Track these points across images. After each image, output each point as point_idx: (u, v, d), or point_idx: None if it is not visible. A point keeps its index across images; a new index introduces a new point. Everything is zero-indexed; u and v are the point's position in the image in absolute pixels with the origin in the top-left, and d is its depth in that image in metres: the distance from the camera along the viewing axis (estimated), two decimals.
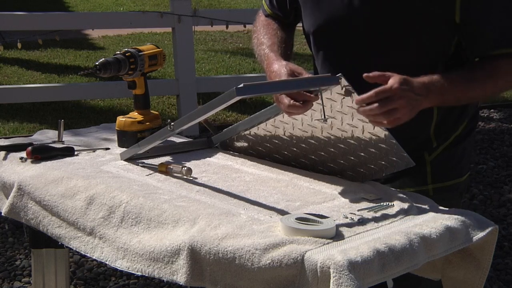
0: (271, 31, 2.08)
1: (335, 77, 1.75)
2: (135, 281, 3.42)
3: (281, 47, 2.01)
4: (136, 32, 9.18)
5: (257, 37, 2.09)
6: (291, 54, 2.06)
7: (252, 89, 1.64)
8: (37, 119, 5.82)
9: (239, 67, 7.55)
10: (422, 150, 1.94)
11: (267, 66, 1.92)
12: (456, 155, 2.00)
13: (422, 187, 1.95)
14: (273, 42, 2.02)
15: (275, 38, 2.04)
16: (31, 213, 1.91)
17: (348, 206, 1.73)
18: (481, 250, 1.70)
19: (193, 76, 5.74)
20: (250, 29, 2.50)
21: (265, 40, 2.04)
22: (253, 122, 2.03)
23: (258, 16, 2.19)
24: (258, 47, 2.05)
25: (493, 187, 4.61)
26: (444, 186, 1.98)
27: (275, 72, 1.85)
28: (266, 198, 1.77)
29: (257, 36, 2.09)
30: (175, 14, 5.53)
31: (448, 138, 1.97)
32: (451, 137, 1.98)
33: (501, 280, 3.52)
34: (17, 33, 6.00)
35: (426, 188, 1.96)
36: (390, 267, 1.47)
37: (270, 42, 2.02)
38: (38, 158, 2.05)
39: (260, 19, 2.16)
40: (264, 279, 1.47)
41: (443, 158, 1.97)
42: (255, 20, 2.19)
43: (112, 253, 1.72)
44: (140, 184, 1.85)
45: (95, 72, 2.09)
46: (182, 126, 1.85)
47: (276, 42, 2.02)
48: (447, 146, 1.98)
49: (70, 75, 7.09)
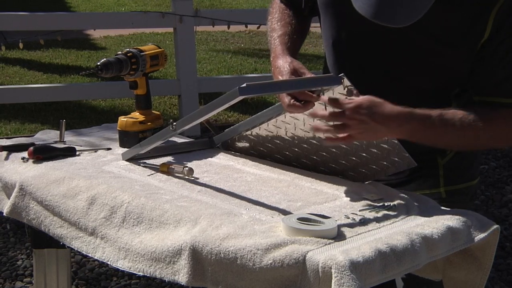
0: (286, 17, 2.03)
1: (337, 77, 1.75)
2: (136, 281, 3.42)
3: (292, 38, 1.96)
4: (138, 32, 9.19)
5: (271, 20, 2.05)
6: (302, 43, 2.01)
7: (254, 88, 1.64)
8: (39, 119, 5.82)
9: (241, 67, 7.55)
10: (434, 153, 1.91)
11: (273, 59, 1.91)
12: (468, 158, 1.97)
13: (435, 190, 1.93)
14: (284, 32, 1.98)
15: (288, 27, 1.99)
16: (33, 213, 1.91)
17: (349, 206, 1.73)
18: (482, 250, 1.70)
19: (195, 76, 5.74)
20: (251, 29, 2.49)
21: (277, 27, 2.00)
22: (255, 122, 2.03)
23: (273, 2, 2.12)
24: (270, 33, 2.01)
25: (495, 187, 4.61)
26: (457, 189, 1.96)
27: (279, 68, 1.84)
28: (267, 198, 1.77)
29: (271, 19, 2.05)
30: (177, 14, 5.53)
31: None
32: None
33: (502, 281, 3.52)
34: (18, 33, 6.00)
35: (439, 191, 1.94)
36: (392, 268, 1.47)
37: (282, 31, 1.98)
38: (39, 158, 2.05)
39: (276, 3, 2.09)
40: (266, 279, 1.47)
41: (456, 161, 1.94)
42: (272, 3, 2.12)
43: (114, 253, 1.72)
44: (141, 184, 1.85)
45: (96, 72, 2.09)
46: (184, 126, 1.85)
47: (287, 32, 1.98)
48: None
49: (71, 75, 7.10)
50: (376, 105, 1.67)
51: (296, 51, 1.95)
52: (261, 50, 8.43)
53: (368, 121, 1.67)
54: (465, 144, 1.78)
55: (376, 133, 1.71)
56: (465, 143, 1.78)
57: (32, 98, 5.56)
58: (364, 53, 1.88)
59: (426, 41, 1.78)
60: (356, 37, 1.88)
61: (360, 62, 1.90)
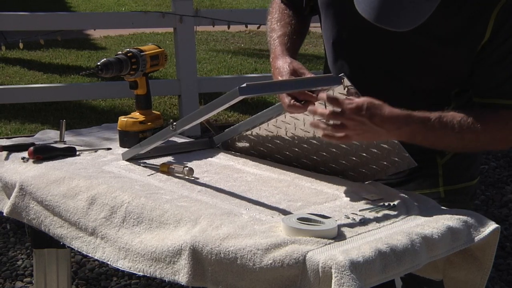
0: (286, 17, 2.02)
1: (337, 77, 1.75)
2: (136, 281, 3.42)
3: (291, 38, 1.96)
4: (138, 32, 9.18)
5: (271, 20, 2.04)
6: (301, 43, 2.01)
7: (254, 88, 1.64)
8: (39, 119, 5.82)
9: (241, 67, 7.55)
10: (433, 152, 1.91)
11: (272, 59, 1.91)
12: (468, 158, 1.97)
13: (434, 190, 1.93)
14: (284, 32, 1.97)
15: (288, 27, 1.99)
16: (33, 213, 1.91)
17: (349, 206, 1.73)
18: (482, 250, 1.70)
19: (195, 76, 5.74)
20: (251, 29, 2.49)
21: (277, 27, 2.00)
22: (255, 123, 2.03)
23: (273, 1, 2.11)
24: (269, 33, 2.00)
25: (495, 187, 4.61)
26: (456, 188, 1.96)
27: (278, 69, 1.84)
28: (267, 198, 1.77)
29: (271, 19, 2.05)
30: (177, 14, 5.52)
31: None
32: None
33: (503, 281, 3.52)
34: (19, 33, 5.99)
35: (438, 190, 1.94)
36: (392, 268, 1.47)
37: (281, 32, 1.97)
38: (40, 158, 2.05)
39: (276, 3, 2.09)
40: (266, 279, 1.47)
41: (455, 161, 1.94)
42: (272, 3, 2.11)
43: (114, 253, 1.72)
44: (141, 184, 1.85)
45: (96, 72, 2.09)
46: (184, 126, 1.85)
47: (287, 32, 1.97)
48: None
49: (72, 75, 7.09)
50: (376, 107, 1.67)
51: (295, 51, 1.95)
52: (261, 50, 8.43)
53: (367, 123, 1.66)
54: (465, 146, 1.78)
55: (375, 135, 1.70)
56: (464, 146, 1.77)
57: (32, 98, 5.56)
58: (365, 52, 1.88)
59: (426, 42, 1.77)
60: (356, 37, 1.88)
61: (360, 62, 1.90)
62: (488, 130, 1.74)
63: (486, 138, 1.75)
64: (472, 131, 1.73)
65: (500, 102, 1.77)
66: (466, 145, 1.77)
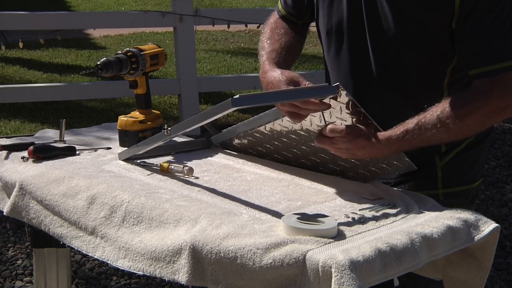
0: (276, 36, 2.04)
1: (333, 87, 1.71)
2: (136, 280, 3.42)
3: (280, 54, 1.97)
4: (138, 32, 9.18)
5: (262, 39, 2.07)
6: (293, 59, 2.03)
7: (248, 99, 1.61)
8: (39, 118, 5.82)
9: (241, 67, 7.55)
10: (432, 153, 1.91)
11: (261, 74, 1.91)
12: (468, 161, 1.96)
13: (432, 191, 1.92)
14: (273, 49, 1.99)
15: (277, 44, 2.01)
16: (33, 213, 1.91)
17: (349, 205, 1.73)
18: (482, 250, 1.70)
19: (195, 75, 5.74)
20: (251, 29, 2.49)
21: (266, 45, 2.02)
22: (253, 125, 2.02)
23: (270, 17, 2.14)
24: (260, 51, 2.02)
25: (495, 186, 4.61)
26: (455, 191, 1.94)
27: (272, 83, 1.83)
28: (267, 197, 1.77)
29: (262, 39, 2.07)
30: (177, 13, 5.52)
31: (460, 143, 1.92)
32: (463, 143, 1.92)
33: (502, 280, 3.52)
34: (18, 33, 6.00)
35: (436, 192, 1.92)
36: (392, 267, 1.47)
37: (270, 49, 1.99)
38: (39, 158, 2.05)
39: (269, 21, 2.11)
40: (266, 279, 1.47)
41: (455, 164, 1.93)
42: (266, 20, 2.14)
43: (114, 253, 1.72)
44: (141, 183, 1.85)
45: (96, 72, 2.10)
46: (179, 131, 1.85)
47: (276, 48, 1.99)
48: (459, 151, 1.93)
49: (71, 74, 7.10)
50: (356, 146, 1.74)
51: (287, 66, 1.95)
52: None
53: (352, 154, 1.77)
54: (457, 134, 1.78)
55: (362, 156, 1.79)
56: (456, 134, 1.78)
57: (32, 97, 5.56)
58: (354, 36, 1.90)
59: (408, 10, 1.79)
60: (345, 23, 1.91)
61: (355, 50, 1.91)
62: (469, 111, 1.73)
63: (474, 118, 1.75)
64: (454, 120, 1.73)
65: (486, 69, 1.74)
66: (458, 133, 1.78)
